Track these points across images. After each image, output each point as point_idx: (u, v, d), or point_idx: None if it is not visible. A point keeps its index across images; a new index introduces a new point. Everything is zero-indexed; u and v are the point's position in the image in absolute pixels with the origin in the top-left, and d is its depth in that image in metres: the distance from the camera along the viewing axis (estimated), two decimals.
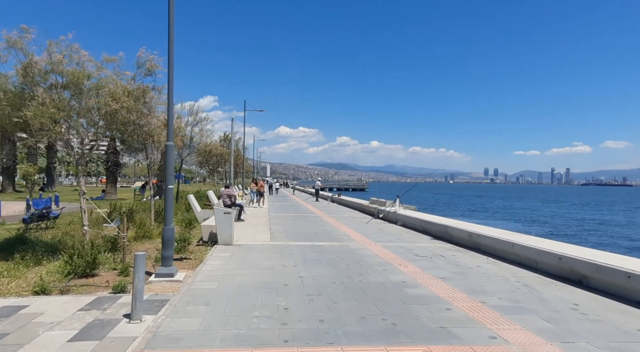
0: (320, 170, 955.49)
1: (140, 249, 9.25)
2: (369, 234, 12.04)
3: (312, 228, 13.44)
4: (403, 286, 6.06)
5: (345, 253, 8.83)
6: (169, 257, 6.38)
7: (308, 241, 10.50)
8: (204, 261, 7.67)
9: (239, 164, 42.81)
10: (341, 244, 10.17)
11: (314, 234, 12.01)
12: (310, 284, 6.10)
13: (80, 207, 7.55)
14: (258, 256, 8.34)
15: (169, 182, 6.50)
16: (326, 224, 14.85)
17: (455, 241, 10.55)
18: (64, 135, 7.17)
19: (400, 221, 14.74)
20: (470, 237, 9.65)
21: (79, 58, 7.20)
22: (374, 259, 8.24)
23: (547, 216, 42.41)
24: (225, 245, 9.51)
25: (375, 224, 14.87)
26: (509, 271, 7.31)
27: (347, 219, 16.64)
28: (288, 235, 11.63)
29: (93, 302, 5.03)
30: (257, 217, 16.81)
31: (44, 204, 11.53)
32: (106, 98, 7.17)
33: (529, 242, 7.78)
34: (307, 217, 17.21)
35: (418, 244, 10.28)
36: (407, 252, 9.04)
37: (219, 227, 9.56)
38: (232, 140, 27.73)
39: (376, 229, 13.38)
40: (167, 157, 6.49)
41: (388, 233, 12.45)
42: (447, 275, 6.87)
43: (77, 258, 6.33)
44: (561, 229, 28.99)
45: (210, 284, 6.03)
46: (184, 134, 17.49)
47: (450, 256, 8.66)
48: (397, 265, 7.63)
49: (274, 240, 10.61)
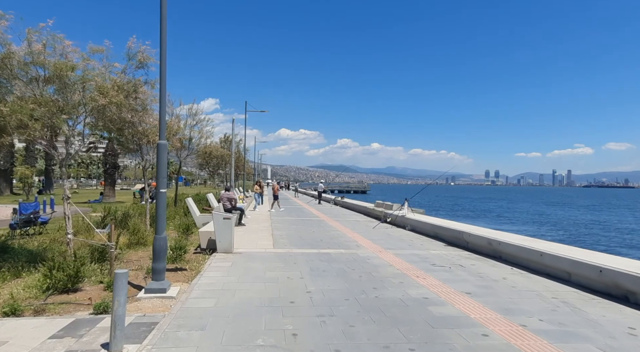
0: (321, 172, 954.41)
1: (133, 257, 8.54)
2: (378, 240, 11.31)
3: (316, 233, 12.71)
4: (426, 304, 5.33)
5: (356, 262, 8.10)
6: (160, 270, 5.66)
7: (314, 248, 9.78)
8: (201, 273, 6.94)
9: (240, 166, 42.11)
10: (350, 251, 9.44)
11: (320, 240, 11.28)
12: (320, 301, 5.38)
13: (64, 213, 6.83)
14: (260, 266, 7.62)
15: (161, 185, 5.79)
16: (331, 228, 14.12)
17: (471, 248, 9.81)
18: (45, 134, 6.46)
19: (410, 226, 14.00)
20: (490, 245, 8.91)
21: (62, 48, 6.51)
22: (388, 269, 7.51)
23: (556, 218, 41.58)
24: (225, 253, 8.79)
25: (382, 229, 14.13)
26: (539, 284, 6.57)
27: (352, 223, 15.91)
28: (292, 241, 10.90)
29: (69, 327, 4.30)
30: (259, 221, 16.09)
31: (33, 208, 10.83)
32: (93, 93, 6.47)
33: (560, 252, 7.04)
34: (311, 221, 16.49)
35: (432, 252, 9.55)
36: (422, 261, 8.30)
37: (218, 234, 8.84)
38: (232, 141, 27.02)
39: (385, 235, 12.65)
40: (159, 157, 5.78)
41: (398, 239, 11.72)
42: (472, 289, 6.13)
43: (57, 271, 5.61)
44: (576, 234, 28.07)
45: (206, 301, 5.30)
46: (182, 135, 16.78)
47: (470, 266, 7.93)
48: (415, 277, 6.89)
49: (277, 247, 9.89)
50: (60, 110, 6.50)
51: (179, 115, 16.14)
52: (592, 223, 36.86)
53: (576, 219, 41.61)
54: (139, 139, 10.61)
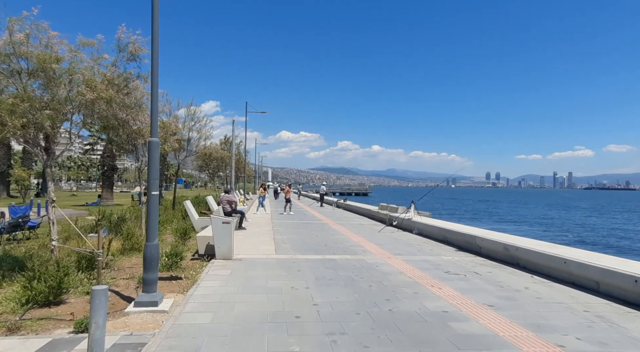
0: (322, 174, 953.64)
1: (125, 264, 8.01)
2: (385, 245, 10.77)
3: (320, 238, 12.17)
4: (447, 319, 4.79)
5: (364, 270, 7.56)
6: (152, 281, 5.13)
7: (318, 254, 9.24)
8: (197, 282, 6.40)
9: (241, 168, 41.62)
10: (356, 257, 8.90)
11: (324, 244, 10.74)
12: (328, 316, 4.84)
13: (49, 217, 6.30)
14: (262, 274, 7.08)
15: (152, 187, 5.27)
16: (335, 232, 13.59)
17: (485, 254, 9.27)
18: (29, 132, 5.95)
19: (416, 229, 13.46)
20: (507, 251, 8.37)
21: (47, 39, 6.01)
22: (399, 277, 6.97)
23: (565, 221, 41.00)
24: (224, 260, 8.25)
25: (388, 233, 13.59)
26: (565, 294, 6.02)
27: (356, 227, 15.37)
28: (295, 246, 10.37)
29: (44, 349, 3.77)
30: (260, 225, 15.55)
31: (22, 212, 10.31)
32: (80, 87, 5.95)
33: (587, 259, 6.49)
34: (313, 225, 15.94)
35: (444, 258, 9.01)
36: (435, 269, 7.76)
37: (216, 239, 8.30)
38: (232, 143, 26.51)
39: (391, 239, 12.10)
40: (151, 157, 5.27)
41: (406, 243, 11.17)
42: (494, 301, 5.59)
43: (37, 282, 5.08)
44: (588, 237, 27.37)
45: (202, 316, 4.76)
46: (181, 135, 16.27)
47: (486, 274, 7.38)
48: (429, 286, 6.35)
49: (279, 253, 9.35)
50: (45, 106, 5.98)
51: (177, 115, 15.64)
52: (602, 226, 36.28)
53: (586, 222, 41.04)
54: (133, 139, 10.09)
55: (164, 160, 27.33)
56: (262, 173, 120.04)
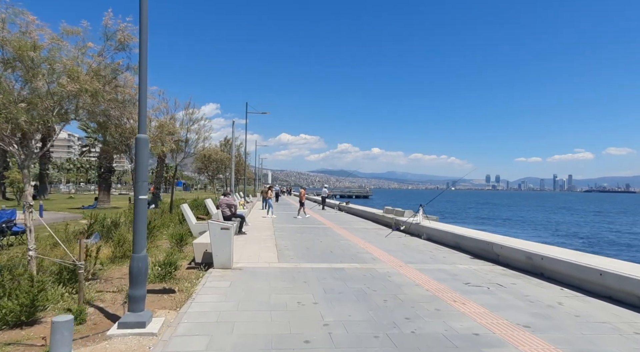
0: (322, 177, 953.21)
1: (115, 274, 7.35)
2: (395, 252, 10.11)
3: (325, 243, 11.51)
4: (479, 343, 4.13)
5: (376, 280, 6.90)
6: (139, 299, 4.48)
7: (324, 262, 8.58)
8: (192, 296, 5.74)
9: (241, 171, 40.98)
10: (366, 266, 8.24)
11: (329, 251, 10.08)
12: (343, 340, 4.18)
13: (25, 225, 5.64)
14: (264, 286, 6.42)
15: (140, 190, 4.63)
16: (340, 237, 12.93)
17: (503, 262, 8.62)
18: (5, 128, 5.30)
19: (425, 234, 12.80)
20: (530, 260, 7.71)
21: (26, 24, 5.37)
22: (416, 290, 6.31)
23: (578, 225, 40.31)
24: (223, 269, 7.59)
25: (395, 238, 12.93)
26: (607, 312, 5.36)
27: (362, 232, 14.71)
28: (298, 253, 9.71)
29: None
30: (261, 229, 14.89)
31: (8, 216, 9.65)
32: (60, 77, 5.31)
33: (626, 271, 5.84)
34: (317, 229, 15.28)
35: (460, 267, 8.35)
36: (453, 279, 7.10)
37: (214, 247, 7.64)
38: (232, 144, 25.87)
39: (400, 245, 11.44)
40: (139, 155, 4.63)
41: (416, 250, 10.51)
42: (528, 320, 4.93)
43: (7, 300, 4.43)
44: (602, 243, 26.60)
45: (196, 341, 4.10)
46: (178, 136, 15.63)
47: (510, 286, 6.72)
48: (451, 301, 5.69)
49: (282, 260, 8.69)
50: (22, 100, 5.34)
51: (174, 115, 15.00)
52: (618, 231, 35.59)
53: (601, 226, 40.33)
54: (126, 138, 9.46)
55: (162, 162, 26.69)
56: (262, 175, 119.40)
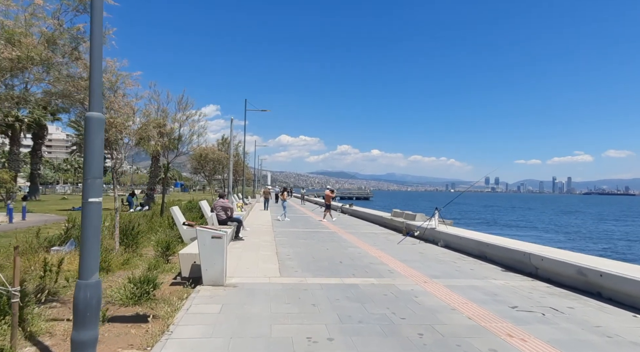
0: (321, 178, 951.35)
1: None
2: (412, 262, 8.83)
3: (332, 251, 10.22)
4: None
5: (400, 303, 5.61)
6: (87, 345, 3.17)
7: (334, 276, 7.28)
8: (170, 329, 4.42)
9: (240, 171, 39.64)
10: (384, 281, 6.94)
11: (338, 261, 8.78)
12: None
13: None
14: (264, 310, 5.12)
15: (91, 190, 3.33)
16: (348, 244, 11.63)
17: (543, 276, 7.34)
18: None
19: (443, 241, 11.51)
20: (583, 276, 6.41)
21: None
22: (454, 317, 5.01)
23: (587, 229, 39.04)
24: (214, 286, 6.29)
25: (409, 244, 11.65)
26: None
27: (370, 237, 13.42)
28: (303, 263, 8.41)
29: None
30: (260, 233, 13.59)
31: None
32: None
33: None
34: (321, 234, 13.98)
35: (494, 282, 7.05)
36: (494, 301, 5.81)
37: (203, 259, 6.34)
38: (231, 143, 24.57)
39: (416, 253, 10.15)
40: (88, 140, 3.35)
41: (436, 260, 9.22)
42: None
43: None
44: (620, 248, 25.26)
45: None
46: (167, 129, 14.30)
47: (568, 311, 5.43)
48: (505, 335, 4.40)
49: (285, 273, 7.39)
50: None
51: (166, 108, 13.68)
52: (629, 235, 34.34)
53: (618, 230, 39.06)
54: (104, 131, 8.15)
55: (157, 162, 25.39)
56: (262, 177, 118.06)
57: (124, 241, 9.17)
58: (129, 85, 9.04)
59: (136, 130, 9.15)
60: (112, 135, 8.50)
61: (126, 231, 9.31)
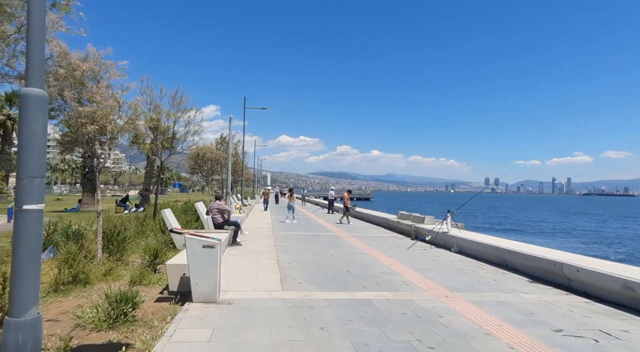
0: (321, 179, 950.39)
1: (52, 311, 5.17)
2: (427, 271, 7.97)
3: (337, 258, 9.37)
4: None
5: (424, 325, 4.74)
6: None
7: (343, 289, 6.42)
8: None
9: (239, 171, 38.75)
10: (400, 296, 6.08)
11: (346, 270, 7.93)
12: None
13: None
14: (263, 337, 4.25)
15: (24, 195, 2.46)
16: (354, 249, 10.77)
17: (578, 289, 6.49)
18: None
19: (456, 246, 10.66)
20: (630, 291, 5.55)
21: None
22: (493, 345, 4.14)
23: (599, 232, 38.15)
24: (205, 303, 5.42)
25: (419, 250, 10.80)
26: None
27: (377, 241, 12.56)
28: (307, 273, 7.55)
29: None
30: (259, 237, 12.73)
31: None
32: None
33: None
34: (324, 238, 13.12)
35: (526, 297, 6.19)
36: (533, 323, 4.95)
37: (193, 273, 5.47)
38: (230, 142, 23.69)
39: (429, 260, 9.30)
40: (25, 126, 2.47)
41: (452, 268, 8.37)
42: None
43: None
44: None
45: None
46: (165, 131, 13.43)
47: (623, 335, 4.58)
48: None
49: (287, 286, 6.53)
50: None
51: (159, 104, 12.80)
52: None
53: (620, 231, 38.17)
54: (81, 125, 7.31)
55: (152, 161, 24.50)
56: (262, 177, 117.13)
57: (108, 247, 8.31)
58: (114, 75, 8.23)
59: (123, 125, 8.28)
60: (91, 130, 7.63)
61: (111, 236, 8.44)
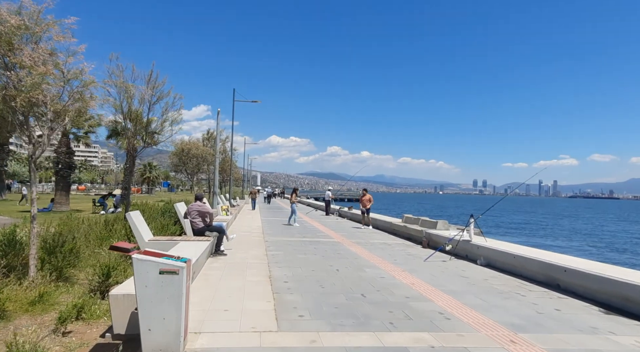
0: (311, 179, 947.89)
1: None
2: (463, 295, 6.18)
3: (343, 272, 7.56)
4: None
5: None
6: None
7: (362, 327, 4.59)
8: None
9: (227, 170, 36.69)
10: (446, 340, 4.26)
11: (359, 293, 6.09)
12: None
13: None
14: None
15: None
16: (361, 260, 8.95)
17: None
18: None
19: (483, 258, 8.92)
20: None
21: None
22: None
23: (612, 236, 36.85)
24: None
25: (439, 261, 9.04)
26: None
27: (384, 250, 10.77)
28: (309, 298, 5.70)
29: None
30: (248, 244, 10.82)
31: None
32: None
33: None
34: (323, 245, 11.29)
35: (621, 341, 4.44)
36: None
37: (144, 311, 3.59)
38: (217, 137, 21.73)
39: (456, 277, 7.53)
40: None
41: (492, 290, 6.60)
42: None
43: None
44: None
45: None
46: (137, 117, 11.43)
47: None
48: None
49: (284, 322, 4.66)
50: None
51: (130, 85, 10.80)
52: None
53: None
54: (11, 98, 5.37)
55: (133, 158, 22.35)
56: (252, 177, 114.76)
57: (50, 261, 6.36)
58: (58, 38, 6.28)
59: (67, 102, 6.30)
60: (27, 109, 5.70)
61: (54, 247, 6.48)
